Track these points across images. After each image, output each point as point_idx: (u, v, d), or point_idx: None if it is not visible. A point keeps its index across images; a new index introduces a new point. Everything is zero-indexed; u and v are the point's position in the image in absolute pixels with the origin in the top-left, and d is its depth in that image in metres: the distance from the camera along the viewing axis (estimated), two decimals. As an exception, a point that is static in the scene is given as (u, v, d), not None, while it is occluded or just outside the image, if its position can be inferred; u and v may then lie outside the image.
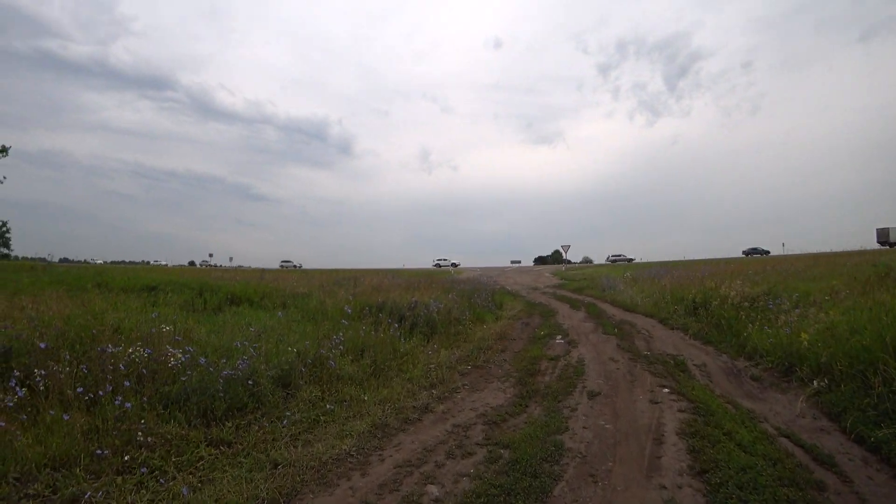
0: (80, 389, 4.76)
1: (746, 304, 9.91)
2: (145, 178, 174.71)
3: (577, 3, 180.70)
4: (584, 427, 5.02)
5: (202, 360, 5.51)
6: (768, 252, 62.66)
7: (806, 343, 6.84)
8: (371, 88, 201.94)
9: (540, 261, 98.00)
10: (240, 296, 13.84)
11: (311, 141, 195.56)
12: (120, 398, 4.58)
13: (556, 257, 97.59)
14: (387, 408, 5.71)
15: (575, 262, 68.23)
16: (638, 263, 51.63)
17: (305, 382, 6.09)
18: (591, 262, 78.25)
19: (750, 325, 8.67)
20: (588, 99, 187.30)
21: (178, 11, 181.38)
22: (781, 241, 70.38)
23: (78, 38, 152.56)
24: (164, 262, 79.85)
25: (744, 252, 66.18)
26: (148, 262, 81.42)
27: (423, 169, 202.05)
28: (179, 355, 5.78)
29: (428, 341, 9.26)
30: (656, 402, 5.78)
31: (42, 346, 5.19)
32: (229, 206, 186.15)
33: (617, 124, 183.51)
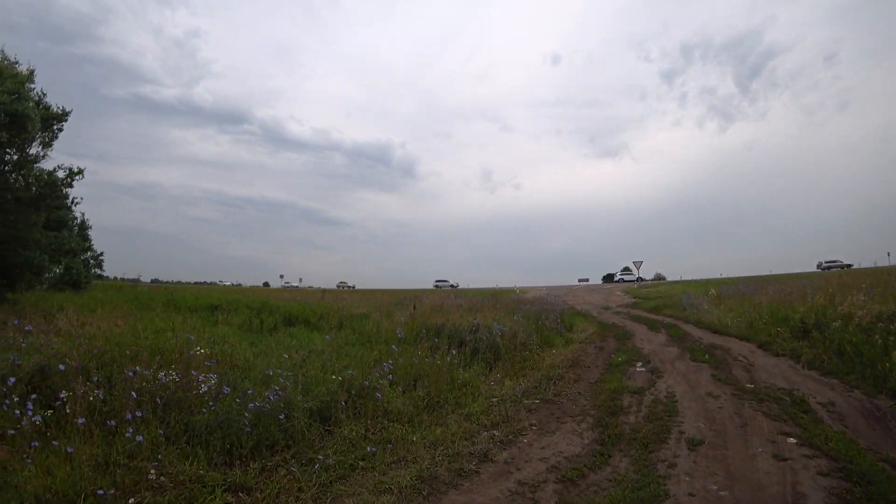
0: (99, 415, 4.33)
1: (881, 325, 8.15)
2: (225, 205, 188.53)
3: (636, 10, 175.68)
4: (689, 494, 3.86)
5: (226, 389, 4.92)
6: (850, 266, 54.57)
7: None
8: (432, 111, 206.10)
9: (608, 278, 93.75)
10: (296, 316, 13.60)
11: (376, 165, 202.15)
12: (132, 430, 4.04)
13: (625, 274, 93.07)
14: (438, 453, 4.83)
15: (646, 280, 64.40)
16: (719, 279, 47.73)
17: (347, 417, 5.36)
18: (663, 278, 73.58)
19: (894, 352, 7.01)
20: (653, 108, 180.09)
21: (251, 52, 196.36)
22: (887, 251, 62.29)
23: (167, 83, 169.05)
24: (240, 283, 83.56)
25: (820, 266, 57.61)
26: (237, 283, 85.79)
27: (486, 188, 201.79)
28: (212, 381, 5.27)
29: (490, 369, 8.31)
30: (783, 459, 4.49)
31: (61, 367, 4.81)
32: (300, 229, 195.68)
33: (685, 132, 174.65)
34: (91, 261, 29.95)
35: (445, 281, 78.46)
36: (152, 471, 3.78)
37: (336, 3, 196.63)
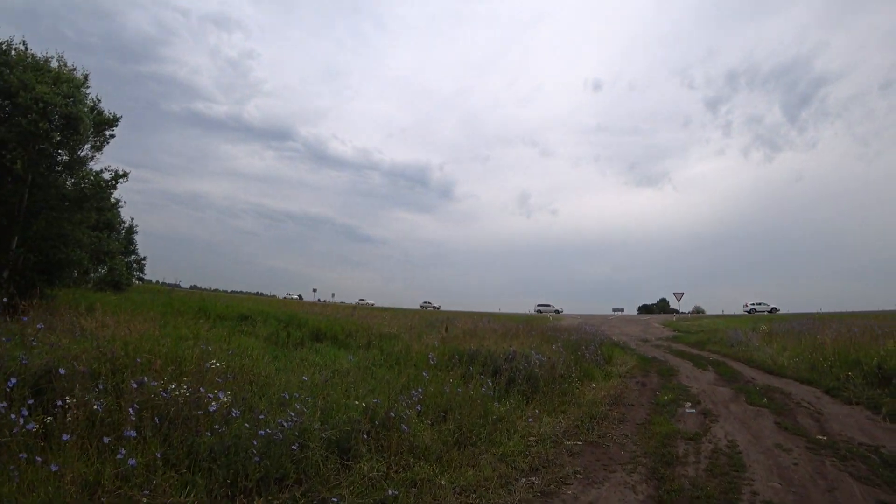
0: (100, 427, 3.93)
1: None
2: (266, 218, 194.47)
3: (681, 37, 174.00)
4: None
5: (235, 412, 4.47)
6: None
7: None
8: (472, 134, 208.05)
9: (644, 309, 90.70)
10: (324, 332, 13.19)
11: (414, 185, 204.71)
12: (125, 450, 3.62)
13: (662, 306, 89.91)
14: (469, 501, 4.23)
15: (685, 312, 61.86)
16: (765, 315, 45.33)
17: (369, 451, 4.81)
18: (702, 311, 70.62)
19: None
20: (696, 136, 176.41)
21: (300, 72, 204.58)
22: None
23: (220, 100, 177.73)
24: (294, 296, 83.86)
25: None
26: (275, 295, 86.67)
27: (522, 212, 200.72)
28: (224, 399, 4.84)
29: (528, 402, 7.63)
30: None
31: (61, 370, 4.46)
32: (337, 245, 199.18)
33: (730, 161, 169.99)
34: (134, 264, 31.02)
35: (549, 305, 77.35)
36: (143, 500, 3.33)
37: (383, 28, 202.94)
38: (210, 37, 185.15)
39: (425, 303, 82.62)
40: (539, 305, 75.33)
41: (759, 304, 56.93)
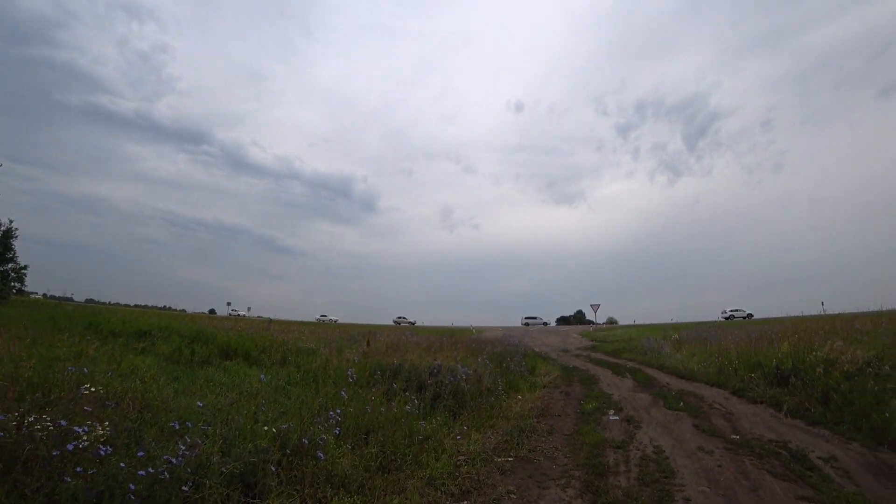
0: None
1: (870, 370, 7.71)
2: (177, 226, 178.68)
3: (596, 67, 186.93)
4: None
5: (102, 450, 3.68)
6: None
7: None
8: (397, 148, 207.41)
9: (563, 320, 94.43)
10: (235, 348, 11.96)
11: (336, 197, 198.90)
12: None
13: (578, 317, 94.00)
14: (397, 536, 3.74)
15: (600, 323, 64.96)
16: (670, 324, 48.64)
17: (279, 484, 4.17)
18: (615, 322, 74.67)
19: (893, 400, 6.50)
20: (609, 159, 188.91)
21: (219, 73, 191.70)
22: (821, 301, 65.86)
23: (127, 95, 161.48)
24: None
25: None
26: (184, 310, 79.22)
27: (445, 227, 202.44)
28: (102, 432, 4.01)
29: (455, 418, 7.23)
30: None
31: None
32: (255, 257, 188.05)
33: (638, 184, 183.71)
34: (11, 273, 26.85)
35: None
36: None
37: (310, 35, 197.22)
38: (118, 25, 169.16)
39: (399, 317, 79.14)
40: (526, 318, 75.05)
41: (736, 310, 61.11)
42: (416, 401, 6.94)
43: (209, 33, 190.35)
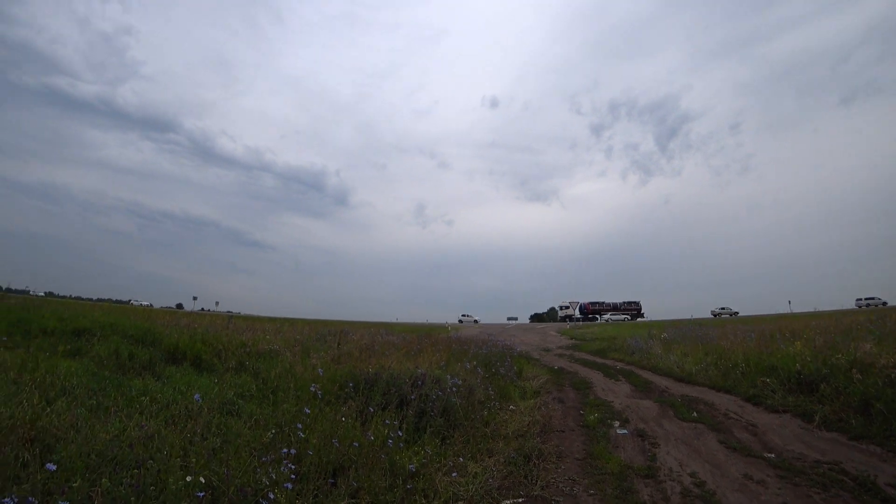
0: None
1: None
2: (141, 217, 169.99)
3: (572, 66, 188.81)
4: None
5: None
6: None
7: None
8: (370, 142, 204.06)
9: (536, 318, 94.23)
10: (184, 350, 10.22)
11: (308, 190, 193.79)
12: None
13: (551, 315, 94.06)
14: None
15: (576, 321, 64.68)
16: (645, 322, 48.56)
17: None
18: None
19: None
20: (582, 158, 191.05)
21: (186, 59, 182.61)
22: (787, 300, 67.50)
23: (88, 78, 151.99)
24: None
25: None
26: (150, 304, 74.49)
27: (418, 223, 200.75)
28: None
29: (444, 442, 5.93)
30: None
31: None
32: (223, 250, 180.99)
33: (611, 183, 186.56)
34: None
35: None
36: None
37: (281, 22, 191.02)
38: (78, 3, 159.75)
39: (465, 315, 73.99)
40: (462, 316, 73.97)
41: (723, 308, 61.84)
42: (397, 423, 5.61)
43: (176, 15, 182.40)
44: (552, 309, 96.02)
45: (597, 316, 70.06)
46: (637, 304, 72.94)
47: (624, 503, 4.47)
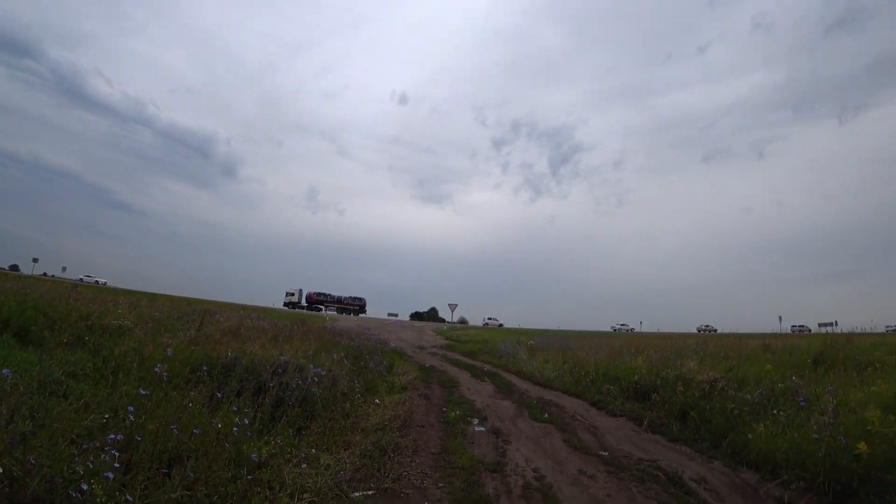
0: None
1: (730, 390, 7.93)
2: None
3: (485, 80, 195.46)
4: None
5: None
6: (633, 329, 67.29)
7: (865, 455, 4.81)
8: (270, 116, 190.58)
9: (417, 316, 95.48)
10: (8, 318, 8.56)
11: (193, 155, 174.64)
12: None
13: (432, 314, 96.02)
14: None
15: (454, 322, 66.77)
16: (518, 329, 51.56)
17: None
18: (466, 322, 77.51)
19: (754, 423, 6.56)
20: (480, 168, 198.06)
21: None
22: (639, 320, 76.16)
23: None
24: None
25: (612, 328, 68.98)
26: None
27: (309, 207, 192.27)
28: None
29: (299, 434, 5.70)
30: None
31: None
32: (83, 209, 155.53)
33: (503, 196, 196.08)
34: None
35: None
36: None
37: None
38: None
39: (489, 318, 71.13)
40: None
41: (623, 324, 68.39)
42: (250, 410, 5.28)
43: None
44: (433, 309, 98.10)
45: (321, 307, 72.49)
46: (362, 300, 78.30)
47: (469, 495, 4.65)
